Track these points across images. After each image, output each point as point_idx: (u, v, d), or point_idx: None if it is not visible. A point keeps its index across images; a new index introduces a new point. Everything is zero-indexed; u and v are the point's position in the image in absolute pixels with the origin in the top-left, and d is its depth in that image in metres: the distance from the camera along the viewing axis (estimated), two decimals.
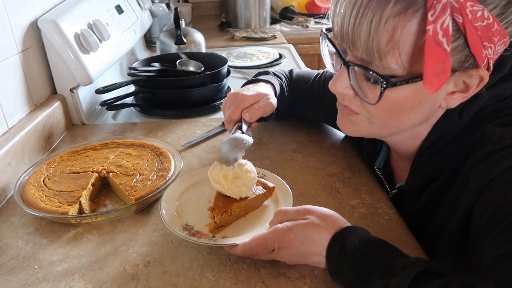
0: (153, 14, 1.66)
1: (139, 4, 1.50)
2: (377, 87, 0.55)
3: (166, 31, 1.55)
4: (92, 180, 0.76)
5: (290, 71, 0.98)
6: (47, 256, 0.64)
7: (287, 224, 0.57)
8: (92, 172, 0.79)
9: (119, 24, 1.26)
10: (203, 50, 1.55)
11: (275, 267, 0.59)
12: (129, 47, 1.30)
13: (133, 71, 1.14)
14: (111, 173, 0.78)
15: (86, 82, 1.03)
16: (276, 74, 0.94)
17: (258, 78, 0.90)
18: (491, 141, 0.55)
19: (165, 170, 0.79)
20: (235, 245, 0.59)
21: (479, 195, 0.53)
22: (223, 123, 1.03)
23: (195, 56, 1.31)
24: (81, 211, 0.72)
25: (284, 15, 2.38)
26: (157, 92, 1.13)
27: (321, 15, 2.36)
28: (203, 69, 1.27)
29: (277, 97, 0.85)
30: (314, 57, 2.16)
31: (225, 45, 1.90)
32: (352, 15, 0.53)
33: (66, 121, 1.06)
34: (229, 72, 1.23)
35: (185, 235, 0.61)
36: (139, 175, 0.78)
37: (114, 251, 0.64)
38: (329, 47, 0.64)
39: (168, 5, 1.78)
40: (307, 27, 2.20)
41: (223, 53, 1.54)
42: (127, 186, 0.74)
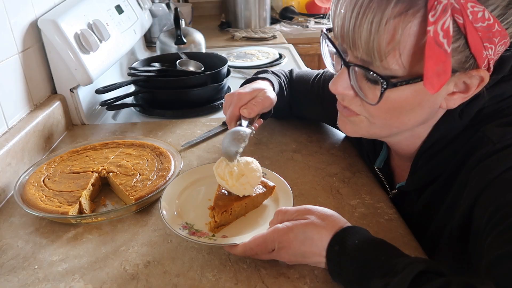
0: (153, 14, 1.66)
1: (139, 4, 1.50)
2: (378, 87, 0.56)
3: (166, 31, 1.55)
4: (92, 180, 0.76)
5: (290, 71, 0.98)
6: (47, 256, 0.64)
7: (287, 224, 0.57)
8: (92, 172, 0.79)
9: (119, 24, 1.26)
10: (203, 50, 1.55)
11: (275, 267, 0.60)
12: (129, 47, 1.30)
13: (133, 71, 1.14)
14: (111, 173, 0.78)
15: (86, 82, 1.03)
16: (275, 73, 0.95)
17: (255, 76, 0.90)
18: (491, 141, 0.55)
19: (165, 170, 0.79)
20: (235, 245, 0.59)
21: (479, 195, 0.53)
22: (224, 123, 1.03)
23: (195, 56, 1.31)
24: (81, 211, 0.72)
25: (284, 15, 2.39)
26: (157, 92, 1.13)
27: (321, 15, 2.36)
28: (203, 69, 1.27)
29: (277, 95, 0.85)
30: (314, 57, 2.16)
31: (225, 45, 1.90)
32: (353, 15, 0.53)
33: (66, 121, 1.06)
34: (229, 72, 1.23)
35: (185, 234, 0.61)
36: (139, 175, 0.78)
37: (114, 251, 0.64)
38: (329, 47, 0.64)
39: (168, 5, 1.78)
40: (307, 27, 2.20)
41: (223, 53, 1.54)
42: (127, 186, 0.74)
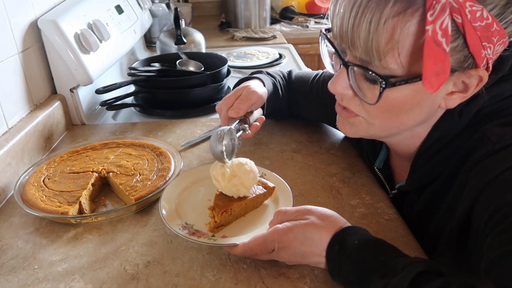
0: (153, 14, 1.66)
1: (139, 4, 1.50)
2: (376, 87, 0.56)
3: (166, 31, 1.55)
4: (92, 180, 0.76)
5: (289, 72, 0.98)
6: (47, 256, 0.64)
7: (287, 224, 0.57)
8: (92, 172, 0.79)
9: (119, 24, 1.26)
10: (203, 50, 1.55)
11: (275, 267, 0.60)
12: (129, 47, 1.30)
13: (133, 71, 1.14)
14: (111, 173, 0.78)
15: (86, 82, 1.03)
16: (270, 73, 0.94)
17: (245, 77, 0.90)
18: (490, 141, 0.55)
19: (165, 170, 0.79)
20: (235, 245, 0.59)
21: (478, 195, 0.53)
22: None
23: (195, 56, 1.31)
24: (81, 211, 0.72)
25: (284, 15, 2.38)
26: (157, 92, 1.13)
27: (321, 15, 2.36)
28: (203, 69, 1.27)
29: (268, 92, 0.85)
30: (314, 57, 2.16)
31: (225, 45, 1.90)
32: (352, 15, 0.53)
33: (66, 121, 1.06)
34: (229, 72, 1.23)
35: (184, 233, 0.61)
36: (139, 175, 0.78)
37: (114, 251, 0.64)
38: (328, 47, 0.64)
39: (168, 5, 1.78)
40: (307, 27, 2.20)
41: (223, 53, 1.54)
42: (127, 186, 0.74)
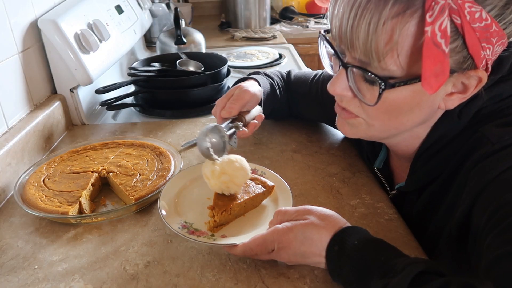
0: (153, 14, 1.66)
1: (139, 4, 1.50)
2: (376, 88, 0.56)
3: (166, 31, 1.55)
4: (92, 180, 0.76)
5: (288, 73, 0.98)
6: (47, 256, 0.64)
7: (286, 224, 0.57)
8: (92, 172, 0.79)
9: (119, 24, 1.26)
10: (203, 50, 1.55)
11: (275, 267, 0.60)
12: (129, 47, 1.30)
13: (133, 71, 1.14)
14: (111, 173, 0.78)
15: (86, 82, 1.03)
16: (268, 74, 0.94)
17: (241, 78, 0.90)
18: (490, 142, 0.55)
19: (165, 170, 0.79)
20: (234, 245, 0.59)
21: (478, 195, 0.53)
22: None
23: (195, 56, 1.31)
24: (81, 211, 0.72)
25: (284, 15, 2.39)
26: (157, 92, 1.13)
27: (321, 15, 2.36)
28: (203, 69, 1.27)
29: (265, 92, 0.85)
30: (314, 57, 2.16)
31: (225, 45, 1.90)
32: (351, 16, 0.53)
33: (66, 121, 1.06)
34: (229, 72, 1.23)
35: (184, 232, 0.61)
36: (139, 175, 0.78)
37: (114, 251, 0.64)
38: (327, 48, 0.64)
39: (168, 5, 1.78)
40: (307, 27, 2.20)
41: (223, 53, 1.54)
42: (127, 186, 0.74)
